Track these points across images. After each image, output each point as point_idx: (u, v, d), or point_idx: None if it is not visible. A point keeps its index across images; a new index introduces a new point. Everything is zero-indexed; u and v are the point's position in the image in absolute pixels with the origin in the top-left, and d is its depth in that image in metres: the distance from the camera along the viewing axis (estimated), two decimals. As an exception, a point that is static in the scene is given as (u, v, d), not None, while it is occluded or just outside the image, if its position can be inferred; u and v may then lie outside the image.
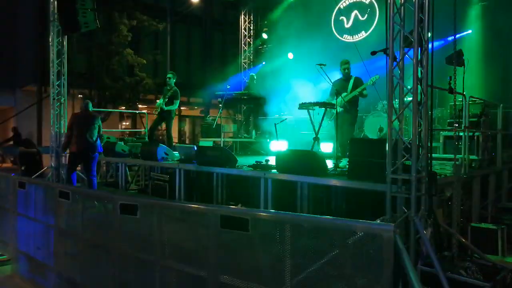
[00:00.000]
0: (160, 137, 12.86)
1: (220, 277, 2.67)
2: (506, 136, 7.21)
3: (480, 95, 7.09)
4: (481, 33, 9.18)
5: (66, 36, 9.06)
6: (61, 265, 4.30)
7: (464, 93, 5.46)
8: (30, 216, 5.11)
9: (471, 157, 5.71)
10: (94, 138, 7.15)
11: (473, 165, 5.76)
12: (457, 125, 5.44)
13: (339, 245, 2.17)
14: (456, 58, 4.85)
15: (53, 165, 8.81)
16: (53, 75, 8.99)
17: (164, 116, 8.80)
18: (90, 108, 7.48)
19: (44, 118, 15.77)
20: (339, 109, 6.75)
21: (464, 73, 5.40)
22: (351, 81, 7.11)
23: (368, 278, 2.06)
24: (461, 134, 5.46)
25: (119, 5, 14.99)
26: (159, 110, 8.81)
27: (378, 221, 3.69)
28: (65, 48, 9.10)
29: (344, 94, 6.96)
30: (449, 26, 5.36)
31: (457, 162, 5.09)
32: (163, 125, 9.35)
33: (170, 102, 8.62)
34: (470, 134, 5.73)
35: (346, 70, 7.24)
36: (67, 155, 7.75)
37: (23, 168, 10.34)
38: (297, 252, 2.33)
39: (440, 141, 7.11)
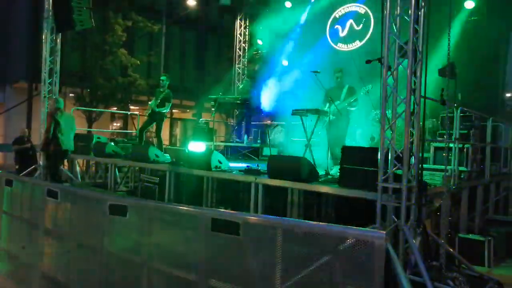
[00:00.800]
0: (150, 139, 12.77)
1: (209, 281, 2.64)
2: (494, 149, 7.30)
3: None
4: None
5: (60, 34, 9.00)
6: (46, 265, 4.22)
7: (455, 105, 5.53)
8: (16, 215, 5.03)
9: (460, 168, 5.77)
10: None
11: (462, 176, 5.81)
12: (447, 136, 5.50)
13: (330, 251, 2.17)
14: (449, 70, 4.92)
15: (41, 163, 8.70)
16: (45, 72, 8.91)
17: (155, 118, 8.74)
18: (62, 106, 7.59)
19: (33, 115, 15.58)
20: (332, 117, 6.78)
21: (456, 86, 5.47)
22: (345, 89, 7.14)
23: (359, 285, 2.06)
24: (451, 145, 5.51)
25: (114, 5, 14.93)
26: (150, 111, 8.76)
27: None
28: (59, 46, 9.03)
29: (337, 102, 6.99)
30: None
31: (446, 173, 5.14)
32: (154, 127, 9.29)
33: (162, 104, 8.57)
34: (460, 146, 5.79)
35: (339, 79, 7.27)
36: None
37: (17, 167, 10.09)
38: (287, 257, 2.32)
39: (431, 151, 7.17)
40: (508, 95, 10.08)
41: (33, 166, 8.94)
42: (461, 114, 5.99)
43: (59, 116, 7.26)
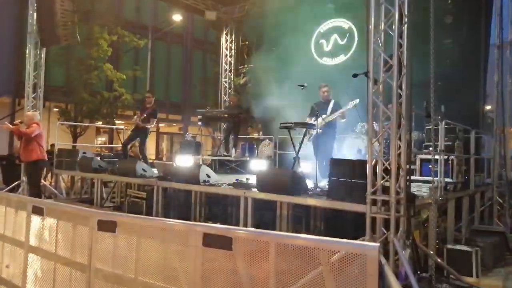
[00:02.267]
0: (133, 154, 12.59)
1: (201, 297, 2.61)
2: (478, 160, 7.44)
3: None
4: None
5: (44, 49, 8.94)
6: (31, 285, 4.10)
7: (439, 117, 5.63)
8: (-1, 233, 4.89)
9: (446, 180, 5.85)
10: None
11: (448, 188, 5.90)
12: (432, 148, 5.58)
13: (323, 265, 2.16)
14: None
15: (24, 179, 8.52)
16: (29, 87, 8.81)
17: (139, 133, 8.68)
18: None
19: (16, 131, 15.31)
20: (319, 130, 6.84)
21: (438, 98, 5.56)
22: (330, 104, 7.23)
23: (353, 299, 2.06)
24: (436, 157, 5.59)
25: (100, 19, 14.92)
26: (134, 126, 8.71)
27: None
28: (43, 61, 8.96)
29: (324, 115, 7.06)
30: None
31: (433, 185, 5.20)
32: (137, 142, 9.19)
33: (147, 119, 8.53)
34: (445, 157, 5.88)
35: (325, 93, 7.36)
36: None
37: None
38: (280, 271, 2.30)
39: (417, 163, 7.26)
40: (488, 107, 10.31)
41: (16, 182, 8.76)
42: (446, 126, 6.10)
43: None
